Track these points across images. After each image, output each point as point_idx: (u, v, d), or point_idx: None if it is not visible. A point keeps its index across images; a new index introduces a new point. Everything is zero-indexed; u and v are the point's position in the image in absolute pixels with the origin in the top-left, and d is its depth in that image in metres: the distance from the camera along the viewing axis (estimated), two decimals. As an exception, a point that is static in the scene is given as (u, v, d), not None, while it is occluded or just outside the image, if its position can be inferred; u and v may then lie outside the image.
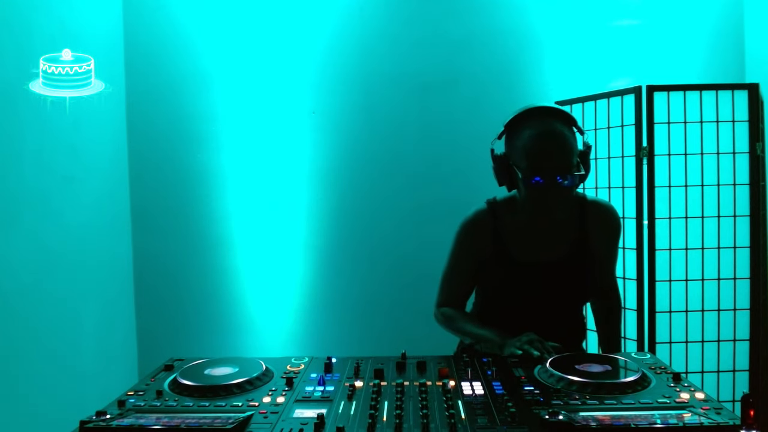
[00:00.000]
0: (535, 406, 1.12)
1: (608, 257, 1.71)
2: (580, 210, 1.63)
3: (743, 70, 2.70)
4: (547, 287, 1.59)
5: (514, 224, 1.62)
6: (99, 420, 1.05)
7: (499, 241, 1.61)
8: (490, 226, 1.62)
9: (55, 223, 2.30)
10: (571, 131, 1.51)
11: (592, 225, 1.63)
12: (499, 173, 1.58)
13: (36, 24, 2.21)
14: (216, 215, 2.90)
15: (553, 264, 1.60)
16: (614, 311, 1.79)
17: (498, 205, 1.65)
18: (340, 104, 2.88)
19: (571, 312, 1.69)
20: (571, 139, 1.49)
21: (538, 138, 1.46)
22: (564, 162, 1.46)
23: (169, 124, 2.87)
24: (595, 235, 1.63)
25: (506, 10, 2.85)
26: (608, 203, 1.71)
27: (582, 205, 1.64)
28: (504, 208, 1.64)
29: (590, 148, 1.56)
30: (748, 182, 2.37)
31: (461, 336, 1.68)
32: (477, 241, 1.64)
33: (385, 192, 2.86)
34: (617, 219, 1.69)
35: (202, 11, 2.86)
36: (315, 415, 1.07)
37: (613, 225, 1.68)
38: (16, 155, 2.10)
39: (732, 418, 1.01)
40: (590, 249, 1.63)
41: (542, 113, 1.51)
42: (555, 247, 1.61)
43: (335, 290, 2.89)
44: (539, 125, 1.47)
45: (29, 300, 2.14)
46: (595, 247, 1.63)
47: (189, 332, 2.87)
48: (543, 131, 1.46)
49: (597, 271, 1.66)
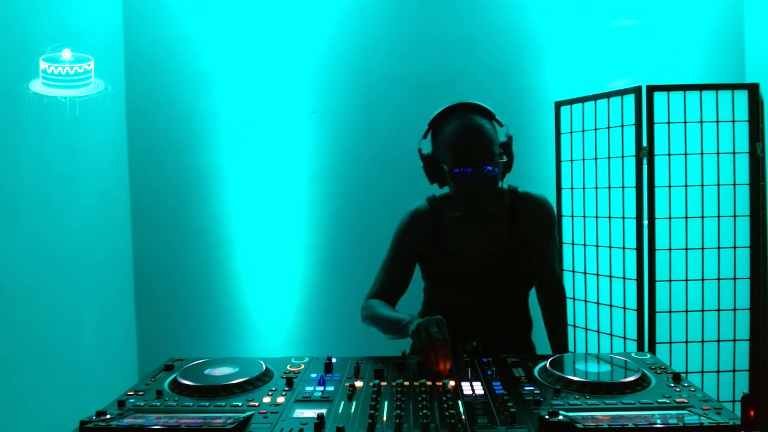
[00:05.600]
0: (535, 406, 1.12)
1: (545, 250, 1.72)
2: (512, 203, 1.67)
3: (743, 70, 2.70)
4: (485, 280, 1.63)
5: (452, 219, 1.67)
6: (99, 420, 1.05)
7: (437, 236, 1.66)
8: (429, 221, 1.67)
9: (55, 223, 2.30)
10: (491, 123, 1.58)
11: (524, 217, 1.66)
12: (428, 171, 1.65)
13: (36, 24, 2.21)
14: (216, 215, 2.90)
15: (490, 257, 1.63)
16: (559, 306, 1.80)
17: (437, 201, 1.70)
18: (340, 104, 2.88)
19: (513, 305, 1.71)
20: (490, 130, 1.56)
21: (459, 131, 1.54)
22: (485, 150, 1.52)
23: (169, 124, 2.87)
24: (529, 226, 1.66)
25: (506, 10, 2.85)
26: (541, 195, 1.72)
27: (514, 198, 1.68)
28: (442, 204, 1.69)
29: (511, 138, 1.62)
30: (748, 182, 2.37)
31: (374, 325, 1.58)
32: (415, 236, 1.68)
33: (385, 192, 2.86)
34: (550, 209, 1.71)
35: (202, 11, 2.86)
36: (315, 415, 1.07)
37: (546, 216, 1.70)
38: (15, 155, 2.10)
39: (732, 418, 1.01)
40: (525, 241, 1.66)
41: (462, 109, 1.59)
42: (491, 241, 1.64)
43: (335, 290, 2.89)
44: (459, 120, 1.56)
45: (29, 300, 2.14)
46: (530, 239, 1.66)
47: (189, 332, 2.87)
48: (464, 125, 1.54)
49: (536, 264, 1.69)
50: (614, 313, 2.49)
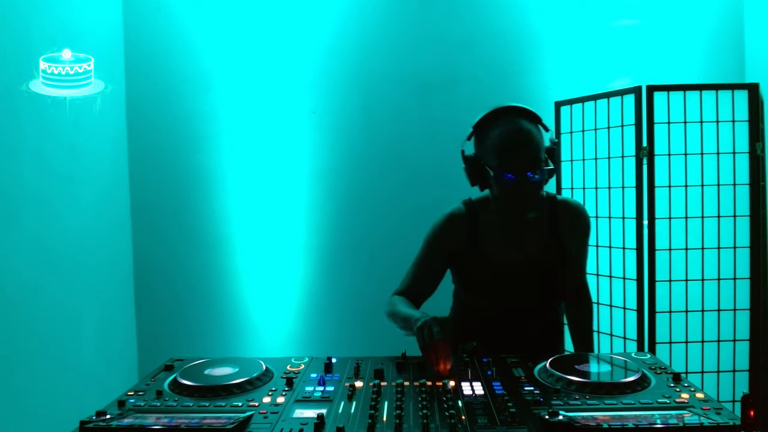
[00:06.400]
0: (535, 406, 1.12)
1: (578, 257, 1.73)
2: (550, 209, 1.66)
3: (743, 70, 2.70)
4: (519, 286, 1.62)
5: (488, 223, 1.65)
6: (99, 420, 1.05)
7: (473, 239, 1.64)
8: (465, 225, 1.65)
9: (55, 223, 2.30)
10: (537, 128, 1.54)
11: (562, 224, 1.65)
12: (471, 173, 1.62)
13: (36, 24, 2.21)
14: (216, 215, 2.90)
15: (525, 262, 1.62)
16: (585, 311, 1.80)
17: (473, 205, 1.68)
18: (340, 104, 2.88)
19: (545, 311, 1.70)
20: (537, 136, 1.52)
21: (507, 135, 1.50)
22: (533, 157, 1.49)
23: (169, 124, 2.87)
24: (566, 234, 1.66)
25: (506, 10, 2.85)
26: (578, 203, 1.73)
27: (552, 205, 1.67)
28: (479, 208, 1.67)
29: (557, 144, 1.60)
30: (748, 182, 2.37)
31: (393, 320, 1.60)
32: (450, 239, 1.66)
33: (385, 192, 2.86)
34: (587, 218, 1.72)
35: (202, 11, 2.86)
36: (315, 415, 1.07)
37: (583, 224, 1.70)
38: (15, 155, 2.10)
39: (732, 418, 1.01)
40: (561, 248, 1.65)
41: (509, 112, 1.55)
42: (527, 246, 1.63)
43: (335, 290, 2.89)
44: (507, 124, 1.52)
45: (29, 300, 2.14)
46: (566, 246, 1.66)
47: (189, 332, 2.87)
48: (511, 129, 1.51)
49: (568, 271, 1.68)
50: (614, 313, 2.49)
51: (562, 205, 1.67)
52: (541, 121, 1.57)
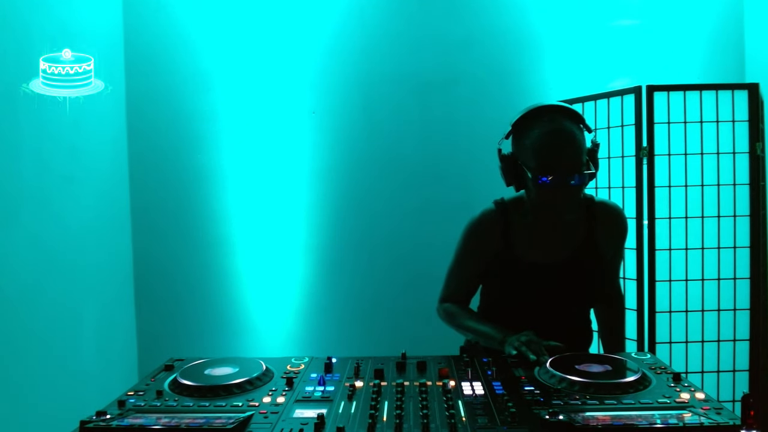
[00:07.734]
0: (535, 406, 1.11)
1: (615, 260, 1.70)
2: (587, 211, 1.61)
3: (743, 70, 2.70)
4: (553, 289, 1.58)
5: (522, 225, 1.60)
6: (99, 420, 1.05)
7: (506, 241, 1.60)
8: (498, 227, 1.61)
9: (55, 223, 2.30)
10: (579, 129, 1.48)
11: (599, 227, 1.61)
12: (507, 173, 1.55)
13: (36, 24, 2.20)
14: (216, 215, 2.90)
15: (560, 265, 1.58)
16: (617, 314, 1.78)
17: (506, 206, 1.63)
18: (340, 104, 2.88)
19: (577, 315, 1.68)
20: (580, 138, 1.46)
21: (548, 136, 1.44)
22: (574, 160, 1.44)
23: (169, 124, 2.87)
24: (603, 237, 1.62)
25: (506, 10, 2.85)
26: (616, 205, 1.68)
27: (590, 207, 1.62)
28: (512, 209, 1.62)
29: (598, 146, 1.54)
30: (748, 182, 2.37)
31: (462, 332, 1.67)
32: (484, 242, 1.62)
33: (385, 192, 2.86)
34: (624, 221, 1.68)
35: (202, 11, 2.86)
36: (315, 415, 1.07)
37: (621, 228, 1.67)
38: (15, 155, 2.10)
39: (732, 418, 1.01)
40: (597, 251, 1.61)
41: (551, 111, 1.49)
42: (562, 249, 1.59)
43: (335, 290, 2.89)
44: (548, 124, 1.45)
45: (29, 300, 2.14)
46: (602, 248, 1.62)
47: (189, 332, 2.87)
48: (552, 129, 1.44)
49: (603, 274, 1.65)
50: (614, 313, 2.49)
51: (600, 207, 1.63)
52: (583, 121, 1.51)
